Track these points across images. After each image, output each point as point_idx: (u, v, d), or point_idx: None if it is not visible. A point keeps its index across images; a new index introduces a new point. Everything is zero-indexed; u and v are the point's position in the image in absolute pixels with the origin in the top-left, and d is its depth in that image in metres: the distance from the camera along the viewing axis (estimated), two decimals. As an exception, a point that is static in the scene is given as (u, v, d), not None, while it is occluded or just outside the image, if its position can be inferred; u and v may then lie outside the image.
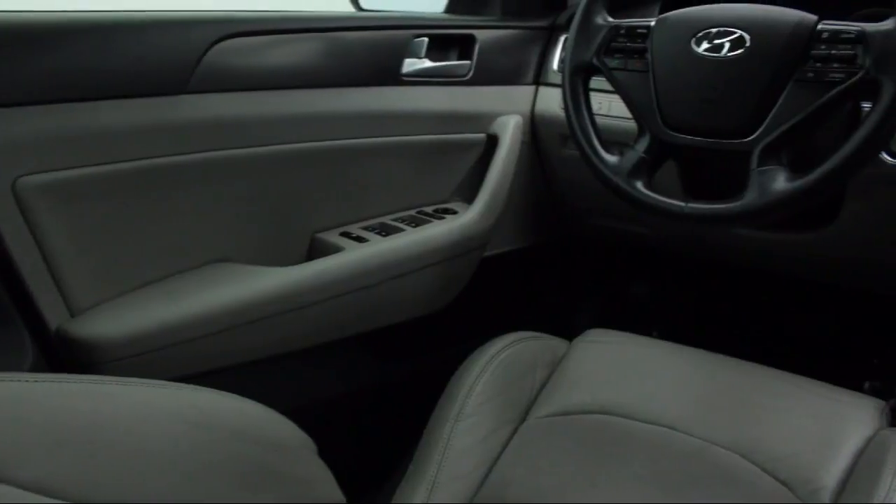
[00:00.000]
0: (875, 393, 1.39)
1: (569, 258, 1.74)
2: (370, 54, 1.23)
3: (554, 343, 1.14)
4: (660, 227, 1.40)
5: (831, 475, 0.87)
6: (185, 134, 1.06)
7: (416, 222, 1.26)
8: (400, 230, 1.23)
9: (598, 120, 1.11)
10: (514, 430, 1.00)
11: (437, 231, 1.24)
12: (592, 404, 1.01)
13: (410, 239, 1.22)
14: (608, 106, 1.21)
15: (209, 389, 0.72)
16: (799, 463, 0.89)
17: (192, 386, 0.71)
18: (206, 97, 1.07)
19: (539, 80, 1.43)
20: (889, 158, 1.03)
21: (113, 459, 0.58)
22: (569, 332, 1.17)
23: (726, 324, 1.73)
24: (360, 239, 1.20)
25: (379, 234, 1.22)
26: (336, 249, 1.17)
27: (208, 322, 1.03)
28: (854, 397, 0.99)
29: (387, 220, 1.27)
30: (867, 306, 1.48)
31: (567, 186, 1.46)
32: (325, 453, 0.75)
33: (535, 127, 1.41)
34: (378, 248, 1.18)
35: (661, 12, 1.04)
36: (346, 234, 1.21)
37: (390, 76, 1.25)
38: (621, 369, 1.07)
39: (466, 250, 1.28)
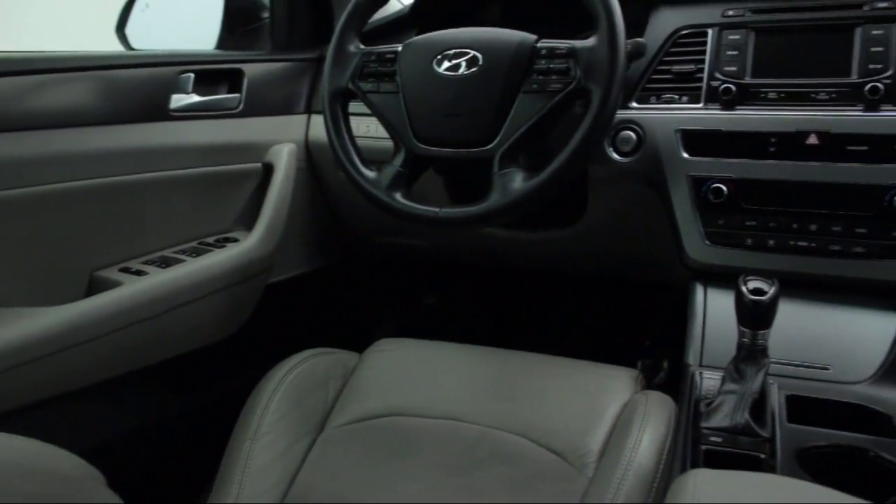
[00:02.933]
0: (647, 370, 1.56)
1: (361, 276, 1.80)
2: (137, 91, 1.24)
3: (345, 356, 1.19)
4: (437, 239, 1.49)
5: (596, 440, 0.98)
6: None
7: (197, 252, 1.27)
8: (181, 261, 1.24)
9: (362, 141, 1.18)
10: (313, 442, 1.05)
11: (218, 259, 1.26)
12: (384, 409, 1.07)
13: (190, 268, 1.23)
14: (370, 128, 1.28)
15: None
16: (569, 434, 0.99)
17: None
18: None
19: (311, 108, 1.49)
20: (617, 156, 1.18)
21: None
22: (367, 346, 1.23)
23: (513, 320, 1.86)
24: (139, 273, 1.19)
25: (159, 266, 1.21)
26: (115, 285, 1.16)
27: None
28: (612, 370, 1.11)
29: (167, 252, 1.27)
30: (635, 292, 1.65)
31: (346, 208, 1.52)
32: (124, 489, 0.75)
33: (310, 153, 1.46)
34: (157, 280, 1.18)
35: None
36: (125, 270, 1.20)
37: (158, 112, 1.26)
38: (409, 373, 1.14)
39: (249, 276, 1.31)
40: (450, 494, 0.93)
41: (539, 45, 1.03)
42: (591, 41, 0.99)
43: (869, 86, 1.06)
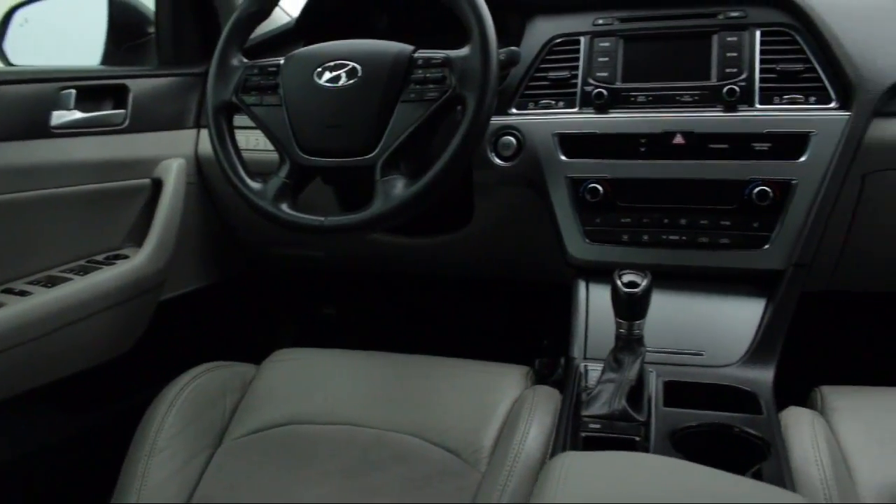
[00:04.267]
0: (545, 368, 1.61)
1: (259, 289, 1.80)
2: (16, 108, 1.21)
3: (242, 369, 1.20)
4: (332, 249, 1.51)
5: (488, 436, 1.02)
6: None
7: (85, 270, 1.25)
8: (68, 279, 1.21)
9: (250, 154, 1.19)
10: (211, 456, 1.05)
11: (106, 276, 1.25)
12: (281, 418, 1.08)
13: (78, 287, 1.21)
14: (259, 142, 1.29)
15: None
16: (462, 432, 1.02)
17: None
18: None
19: (200, 123, 1.48)
20: (499, 161, 1.23)
21: None
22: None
23: (413, 326, 1.89)
24: (24, 293, 1.16)
25: (45, 286, 1.19)
26: (-2, 307, 1.13)
27: None
28: (504, 368, 1.15)
29: (54, 272, 1.25)
30: (531, 293, 1.70)
31: (240, 221, 1.52)
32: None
33: (200, 168, 1.46)
34: (42, 299, 1.16)
35: None
36: (8, 291, 1.17)
37: (39, 129, 1.23)
38: (306, 382, 1.15)
39: (140, 292, 1.30)
40: (348, 497, 0.95)
41: (416, 55, 1.06)
42: (464, 50, 1.03)
43: (726, 88, 1.14)
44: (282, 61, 1.12)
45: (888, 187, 1.16)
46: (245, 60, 1.15)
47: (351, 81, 1.07)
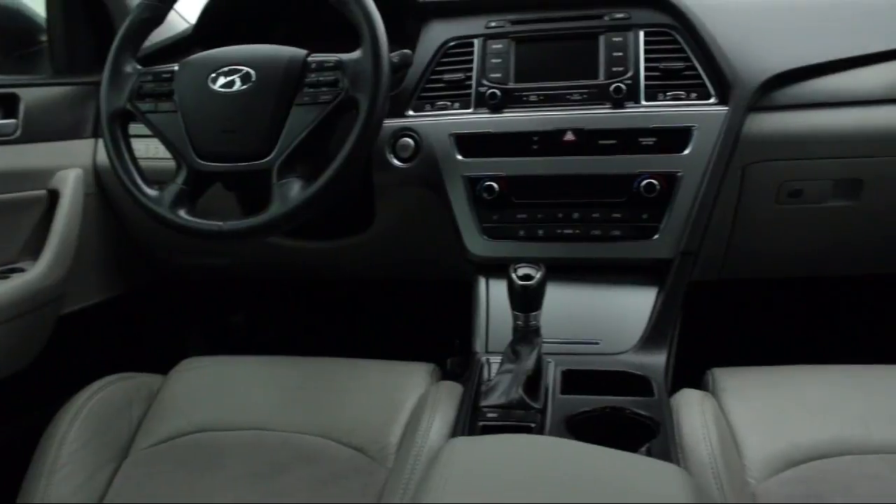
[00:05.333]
0: (457, 366, 1.63)
1: (167, 299, 1.77)
2: None
3: (149, 379, 1.18)
4: (238, 257, 1.50)
5: (395, 433, 1.03)
6: None
7: (-23, 285, 1.22)
8: (-41, 295, 1.18)
9: (149, 162, 1.18)
10: (118, 468, 1.03)
11: (0, 290, 1.21)
12: (189, 426, 1.08)
13: (-32, 302, 1.17)
14: (158, 150, 1.28)
15: None
16: (369, 430, 1.04)
17: None
18: None
19: (98, 133, 1.45)
20: (398, 162, 1.25)
21: None
22: None
23: (324, 330, 1.89)
24: (-89, 311, 1.13)
25: (-66, 302, 1.15)
26: None
27: None
28: (409, 366, 1.17)
29: None
30: (441, 292, 1.72)
31: (142, 232, 1.50)
32: None
33: (99, 178, 1.43)
34: None
35: None
36: None
37: None
38: (214, 389, 1.15)
39: (37, 306, 1.27)
40: (256, 501, 0.95)
41: (309, 59, 1.07)
42: (356, 54, 1.05)
43: (613, 86, 1.19)
44: (176, 67, 1.12)
45: (766, 178, 1.23)
46: (139, 67, 1.14)
47: (245, 86, 1.07)
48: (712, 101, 1.18)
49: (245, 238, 1.07)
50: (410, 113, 1.26)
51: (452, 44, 1.28)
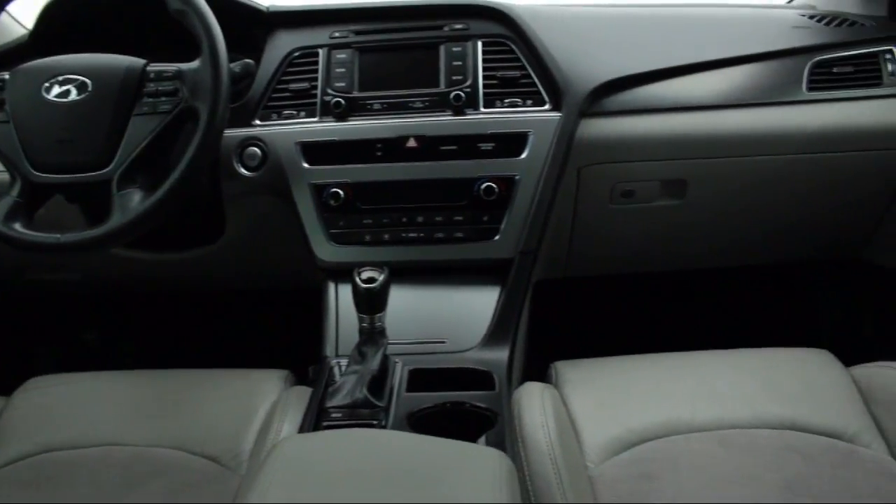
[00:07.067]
0: (318, 374, 1.63)
1: (13, 317, 1.70)
2: None
3: None
4: (89, 272, 1.47)
5: (247, 440, 1.04)
6: None
7: None
8: None
9: None
10: None
11: None
12: (34, 448, 1.04)
13: None
14: None
15: None
16: (222, 439, 1.04)
17: None
18: None
19: None
20: (245, 171, 1.25)
21: None
22: None
23: (179, 344, 1.86)
24: None
25: None
26: None
27: None
28: (263, 373, 1.17)
29: None
30: (301, 301, 1.72)
31: None
32: None
33: None
34: None
35: None
36: None
37: None
38: (61, 408, 1.12)
39: None
40: None
41: (148, 68, 1.07)
42: (195, 63, 1.05)
43: (453, 94, 1.24)
44: (7, 76, 1.09)
45: (600, 180, 1.31)
46: None
47: (81, 96, 1.06)
48: (547, 107, 1.25)
49: (86, 250, 1.05)
50: (257, 122, 1.27)
51: (297, 54, 1.30)
